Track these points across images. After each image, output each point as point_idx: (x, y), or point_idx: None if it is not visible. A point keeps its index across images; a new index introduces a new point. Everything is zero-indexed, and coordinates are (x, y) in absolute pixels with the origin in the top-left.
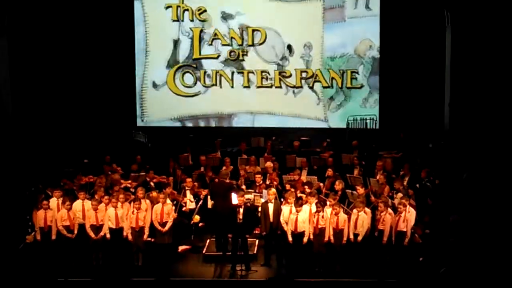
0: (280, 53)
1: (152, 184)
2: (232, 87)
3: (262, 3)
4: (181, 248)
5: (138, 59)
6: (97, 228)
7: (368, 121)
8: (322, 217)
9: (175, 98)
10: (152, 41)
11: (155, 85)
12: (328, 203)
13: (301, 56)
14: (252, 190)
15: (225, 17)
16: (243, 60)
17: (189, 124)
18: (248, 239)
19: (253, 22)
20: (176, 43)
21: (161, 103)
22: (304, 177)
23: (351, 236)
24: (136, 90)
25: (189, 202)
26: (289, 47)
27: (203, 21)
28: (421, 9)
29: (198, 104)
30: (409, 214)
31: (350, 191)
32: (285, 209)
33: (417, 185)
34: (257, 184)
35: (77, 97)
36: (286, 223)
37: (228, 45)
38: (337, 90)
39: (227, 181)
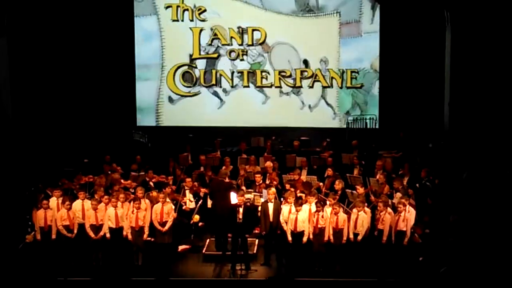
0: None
1: (151, 183)
2: (232, 86)
3: (278, 18)
4: (181, 247)
5: (154, 73)
6: (97, 228)
7: (368, 120)
8: (322, 216)
9: (191, 112)
10: (168, 56)
11: (171, 100)
12: (328, 202)
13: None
14: (252, 190)
15: (242, 32)
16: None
17: None
18: (248, 239)
19: (268, 37)
20: (192, 57)
21: (177, 117)
22: (304, 177)
23: (351, 236)
24: (136, 89)
25: (189, 202)
26: (305, 62)
27: (203, 20)
28: (421, 9)
29: (214, 118)
30: (409, 214)
31: (350, 190)
32: (285, 208)
33: (417, 185)
34: (257, 184)
35: (77, 96)
36: (286, 223)
37: (228, 44)
38: (353, 105)
39: (227, 180)
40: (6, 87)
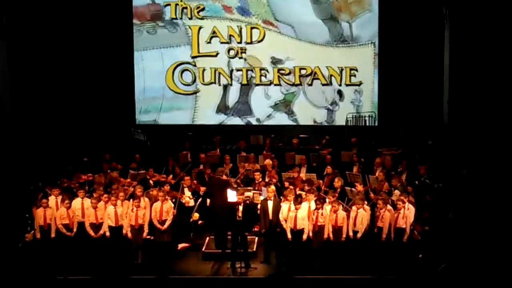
0: (330, 98)
1: (151, 182)
2: (231, 85)
3: (312, 48)
4: (180, 245)
5: (188, 103)
6: (96, 226)
7: (367, 118)
8: (321, 214)
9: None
10: (202, 86)
11: None
12: (327, 200)
13: (351, 101)
14: (252, 188)
15: (275, 62)
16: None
17: None
18: (248, 237)
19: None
20: (225, 88)
21: None
22: (303, 175)
23: (350, 233)
24: (135, 89)
25: (188, 199)
26: (339, 92)
27: (201, 19)
28: (420, 6)
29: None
30: (408, 211)
31: (349, 188)
32: (284, 206)
33: (416, 182)
34: (256, 182)
35: (76, 95)
36: (285, 221)
37: (227, 43)
38: None
39: (224, 177)
40: (5, 86)
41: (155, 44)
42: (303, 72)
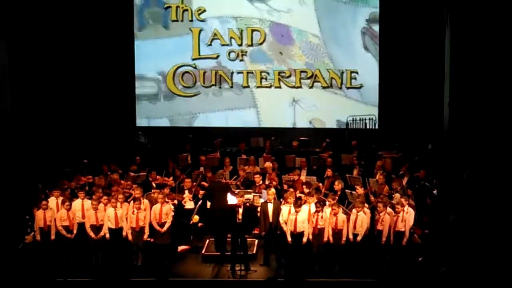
0: None
1: (154, 184)
2: (232, 87)
3: (368, 106)
4: (180, 248)
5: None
6: (97, 228)
7: (367, 121)
8: (321, 217)
9: None
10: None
11: None
12: (327, 203)
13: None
14: (252, 190)
15: (340, 124)
16: None
17: None
18: (248, 239)
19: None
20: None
21: None
22: (303, 177)
23: (350, 236)
24: (136, 90)
25: (188, 201)
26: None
27: (202, 21)
28: (421, 9)
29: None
30: (408, 215)
31: (349, 191)
32: (285, 209)
33: (416, 185)
34: (257, 184)
35: (76, 97)
36: (286, 223)
37: (227, 45)
38: None
39: (223, 181)
40: (6, 88)
41: (221, 107)
42: (303, 75)
